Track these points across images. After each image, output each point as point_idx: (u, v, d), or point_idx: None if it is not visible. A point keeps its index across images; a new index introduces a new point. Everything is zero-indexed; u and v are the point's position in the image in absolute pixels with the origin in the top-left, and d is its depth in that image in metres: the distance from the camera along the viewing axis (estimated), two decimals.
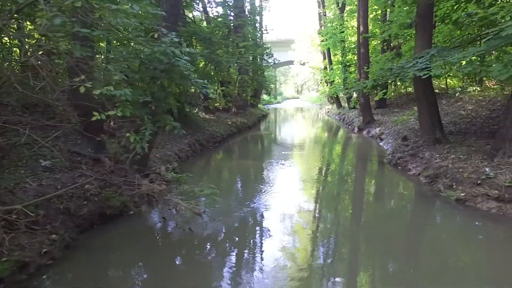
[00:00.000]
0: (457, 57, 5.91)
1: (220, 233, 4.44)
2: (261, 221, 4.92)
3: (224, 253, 3.96)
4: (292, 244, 4.13)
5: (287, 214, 5.06)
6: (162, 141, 8.54)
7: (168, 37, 3.27)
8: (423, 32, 7.30)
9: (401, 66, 7.05)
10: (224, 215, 5.00)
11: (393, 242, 4.21)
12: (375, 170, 8.09)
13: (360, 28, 13.12)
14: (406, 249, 4.12)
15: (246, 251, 4.01)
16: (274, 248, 3.98)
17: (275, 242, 4.15)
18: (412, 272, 3.47)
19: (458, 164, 5.86)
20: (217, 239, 4.30)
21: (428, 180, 6.14)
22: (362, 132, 13.55)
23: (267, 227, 4.73)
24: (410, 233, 4.65)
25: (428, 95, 7.47)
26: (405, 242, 4.34)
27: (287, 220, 4.87)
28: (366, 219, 5.19)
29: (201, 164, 8.89)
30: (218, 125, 12.79)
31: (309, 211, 5.25)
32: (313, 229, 4.66)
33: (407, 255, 3.95)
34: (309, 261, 3.72)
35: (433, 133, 7.46)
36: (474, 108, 10.71)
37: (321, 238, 4.37)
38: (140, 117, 3.55)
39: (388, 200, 6.06)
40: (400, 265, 3.63)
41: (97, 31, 2.89)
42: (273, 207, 5.40)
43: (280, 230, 4.54)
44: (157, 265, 3.69)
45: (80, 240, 4.01)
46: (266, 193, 6.06)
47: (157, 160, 6.80)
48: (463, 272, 3.48)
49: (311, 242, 4.19)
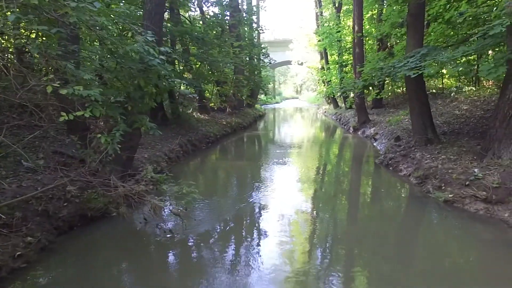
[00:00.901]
0: (447, 56, 5.85)
1: (203, 234, 4.37)
2: (249, 222, 4.85)
3: (208, 254, 3.89)
4: (279, 247, 4.05)
5: (275, 215, 5.00)
6: (152, 141, 8.47)
7: (142, 36, 3.20)
8: (415, 32, 7.23)
9: (392, 66, 6.98)
10: (210, 215, 4.94)
11: (380, 243, 4.14)
12: (366, 171, 8.02)
13: (355, 27, 13.07)
14: (391, 250, 4.05)
15: (232, 252, 3.93)
16: (263, 250, 3.92)
17: (264, 243, 4.09)
18: (399, 273, 3.41)
19: (447, 164, 5.79)
20: (200, 240, 4.22)
21: (418, 181, 6.07)
22: (357, 132, 13.49)
23: (254, 229, 4.66)
24: (396, 234, 4.57)
25: (420, 95, 7.40)
26: (391, 243, 4.26)
27: (275, 221, 4.80)
28: (354, 221, 5.12)
29: (192, 165, 8.81)
30: (212, 125, 12.72)
31: (297, 213, 5.17)
32: (301, 231, 4.58)
33: (393, 256, 3.87)
34: (296, 262, 3.65)
35: (425, 133, 7.39)
36: (469, 108, 10.64)
37: (308, 239, 4.29)
38: (113, 118, 3.48)
39: (377, 201, 5.98)
40: (386, 267, 3.56)
41: (57, 28, 2.81)
42: (262, 207, 5.33)
43: (268, 231, 4.47)
44: (136, 268, 3.62)
45: (58, 243, 3.94)
46: (255, 193, 6.01)
47: (145, 160, 6.72)
48: (448, 274, 3.41)
49: (299, 243, 4.12)
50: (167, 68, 3.51)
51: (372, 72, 7.26)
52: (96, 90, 2.77)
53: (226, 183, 7.31)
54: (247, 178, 7.57)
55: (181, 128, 10.70)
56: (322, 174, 7.75)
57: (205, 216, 4.95)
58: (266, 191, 6.19)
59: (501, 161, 5.12)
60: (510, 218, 4.32)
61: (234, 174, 8.01)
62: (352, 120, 14.91)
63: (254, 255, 3.81)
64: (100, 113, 2.95)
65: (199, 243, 4.15)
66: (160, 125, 10.43)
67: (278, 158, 9.39)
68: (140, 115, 3.64)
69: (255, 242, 4.21)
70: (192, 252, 4.00)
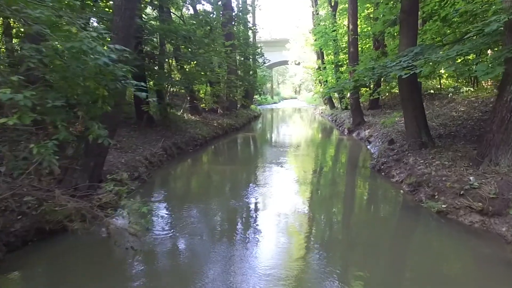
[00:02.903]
0: (440, 55, 5.46)
1: (171, 251, 3.99)
2: (227, 237, 4.46)
3: (171, 268, 3.50)
4: (262, 262, 3.66)
5: (259, 225, 4.62)
6: (134, 144, 8.09)
7: (87, 31, 2.81)
8: (408, 29, 6.84)
9: (384, 66, 6.59)
10: (180, 228, 4.55)
11: (367, 256, 3.76)
12: (358, 176, 7.61)
13: (350, 26, 12.70)
14: (379, 264, 3.65)
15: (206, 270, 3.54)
16: (242, 269, 3.53)
17: (245, 261, 3.69)
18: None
19: (442, 171, 5.41)
20: (164, 254, 3.84)
21: (410, 189, 5.69)
22: (352, 134, 13.10)
23: (233, 240, 4.27)
24: (385, 248, 4.15)
25: (414, 96, 7.01)
26: (379, 257, 3.85)
27: (256, 232, 4.41)
28: (341, 230, 4.72)
29: (175, 169, 8.40)
30: (202, 126, 12.33)
31: (282, 223, 4.78)
32: (286, 240, 4.18)
33: (381, 271, 3.48)
34: (279, 274, 3.26)
35: (419, 137, 7.01)
36: (466, 109, 10.26)
37: (293, 248, 3.90)
38: (52, 124, 3.09)
39: (367, 211, 5.60)
40: (372, 282, 3.18)
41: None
42: (244, 218, 4.95)
43: (251, 243, 4.08)
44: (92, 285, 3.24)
45: (7, 261, 3.55)
46: (236, 201, 5.62)
47: (121, 165, 6.33)
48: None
49: (285, 256, 3.72)
50: (121, 69, 3.11)
51: (363, 72, 6.86)
52: (27, 93, 2.38)
53: (207, 189, 6.90)
54: (231, 183, 7.18)
55: (168, 130, 10.31)
56: (311, 181, 7.33)
57: (175, 227, 4.57)
58: (250, 198, 5.81)
59: (499, 169, 4.73)
60: (508, 233, 3.92)
61: (217, 179, 7.61)
62: (347, 122, 14.53)
63: (231, 272, 3.42)
64: (29, 120, 2.55)
65: (165, 260, 3.76)
66: (145, 127, 10.12)
67: (266, 163, 9.00)
68: (90, 121, 3.23)
69: (233, 258, 3.82)
70: (159, 269, 3.61)
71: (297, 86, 62.65)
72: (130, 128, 9.65)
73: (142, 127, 9.86)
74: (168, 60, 11.25)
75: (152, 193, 6.19)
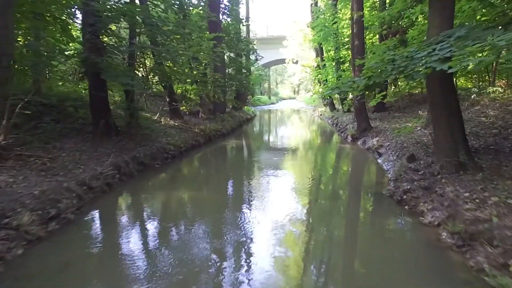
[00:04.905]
0: (505, 38, 3.54)
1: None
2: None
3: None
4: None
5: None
6: (74, 162, 6.12)
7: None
8: (442, 6, 4.91)
9: (409, 56, 4.66)
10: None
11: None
12: (369, 209, 5.61)
13: (354, 16, 10.77)
14: None
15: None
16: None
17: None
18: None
19: (509, 217, 3.47)
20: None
21: (456, 242, 3.74)
22: (356, 141, 11.16)
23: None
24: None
25: (449, 100, 5.08)
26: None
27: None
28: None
29: (127, 196, 6.24)
30: (179, 133, 10.37)
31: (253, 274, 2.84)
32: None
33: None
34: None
35: (455, 155, 5.08)
36: (499, 114, 8.32)
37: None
38: None
39: (386, 273, 3.60)
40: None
41: None
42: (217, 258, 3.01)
43: None
44: None
45: None
46: (202, 241, 3.66)
47: (29, 200, 4.33)
48: None
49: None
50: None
51: (379, 66, 4.93)
52: None
53: (165, 227, 4.91)
54: (199, 215, 5.18)
55: (132, 140, 8.36)
56: (304, 216, 5.38)
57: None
58: (221, 241, 3.86)
59: None
60: None
61: (182, 210, 5.64)
62: (351, 127, 12.59)
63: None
64: None
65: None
66: (102, 136, 8.10)
67: (249, 185, 7.05)
68: None
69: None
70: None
71: (295, 86, 60.77)
72: (82, 137, 7.68)
73: (97, 136, 7.88)
74: (136, 54, 9.30)
75: (67, 247, 4.01)
